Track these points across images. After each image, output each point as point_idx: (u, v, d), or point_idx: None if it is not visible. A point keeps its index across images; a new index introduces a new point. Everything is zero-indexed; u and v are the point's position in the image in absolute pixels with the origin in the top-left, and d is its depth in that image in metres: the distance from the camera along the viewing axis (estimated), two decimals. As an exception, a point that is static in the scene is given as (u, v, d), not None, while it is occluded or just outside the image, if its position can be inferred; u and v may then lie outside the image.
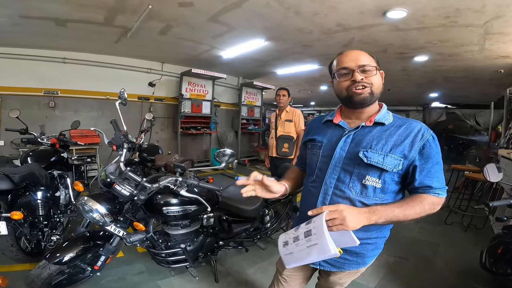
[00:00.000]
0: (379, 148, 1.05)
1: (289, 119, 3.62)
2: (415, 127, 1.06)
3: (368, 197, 1.08)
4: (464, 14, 3.20)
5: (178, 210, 1.92)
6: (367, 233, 1.12)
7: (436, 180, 1.04)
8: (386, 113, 1.14)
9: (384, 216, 0.99)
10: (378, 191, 1.08)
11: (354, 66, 1.07)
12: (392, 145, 1.05)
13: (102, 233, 1.87)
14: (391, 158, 1.04)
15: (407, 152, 1.04)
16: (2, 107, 4.83)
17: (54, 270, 1.71)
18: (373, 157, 1.05)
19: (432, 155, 1.03)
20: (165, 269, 2.39)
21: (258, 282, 2.40)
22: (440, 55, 4.92)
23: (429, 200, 1.03)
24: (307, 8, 3.40)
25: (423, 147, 1.03)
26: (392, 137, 1.07)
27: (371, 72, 1.08)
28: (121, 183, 1.76)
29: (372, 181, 1.06)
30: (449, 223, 3.83)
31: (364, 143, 1.08)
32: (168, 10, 3.56)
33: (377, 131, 1.09)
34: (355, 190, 1.09)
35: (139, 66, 6.30)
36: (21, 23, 3.81)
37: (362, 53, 1.11)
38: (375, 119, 1.11)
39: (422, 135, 1.04)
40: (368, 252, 1.18)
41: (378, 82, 1.10)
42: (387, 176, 1.06)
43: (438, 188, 1.04)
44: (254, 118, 8.61)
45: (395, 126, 1.09)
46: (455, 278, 2.56)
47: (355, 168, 1.09)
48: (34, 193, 2.36)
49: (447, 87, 8.11)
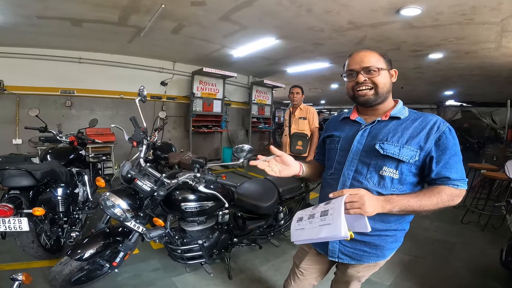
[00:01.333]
0: (395, 140, 1.09)
1: (303, 116, 3.59)
2: (431, 120, 1.09)
3: (386, 187, 1.11)
4: (480, 11, 3.17)
5: (196, 206, 1.94)
6: (386, 225, 1.14)
7: (454, 171, 1.04)
8: (402, 108, 1.18)
9: (398, 205, 1.01)
10: (396, 182, 1.10)
11: (359, 68, 1.14)
12: (408, 137, 1.08)
13: (121, 229, 1.91)
14: (407, 149, 1.07)
15: (423, 144, 1.06)
16: (20, 106, 4.98)
17: (75, 267, 1.73)
18: (389, 148, 1.08)
19: (449, 146, 1.04)
20: (180, 266, 2.42)
21: (271, 280, 2.40)
22: (455, 52, 4.83)
23: (448, 191, 1.04)
24: (319, 6, 3.38)
25: (439, 139, 1.05)
26: (407, 129, 1.10)
27: (376, 73, 1.12)
28: (141, 178, 1.78)
29: (389, 171, 1.10)
30: (466, 223, 3.77)
31: (380, 136, 1.13)
32: (180, 9, 3.60)
33: (393, 125, 1.14)
34: (373, 181, 1.13)
35: (151, 65, 6.40)
36: (39, 23, 3.91)
37: (368, 54, 1.15)
38: (391, 114, 1.16)
39: (438, 127, 1.06)
40: (387, 244, 1.19)
41: (383, 82, 1.14)
42: (404, 167, 1.09)
43: (457, 179, 1.04)
44: (264, 117, 8.60)
45: (411, 119, 1.13)
46: (473, 277, 2.51)
47: (372, 159, 1.12)
48: (55, 190, 2.40)
49: (462, 85, 7.95)
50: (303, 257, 1.46)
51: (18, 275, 1.20)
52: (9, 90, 4.87)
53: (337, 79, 8.60)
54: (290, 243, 3.01)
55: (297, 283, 1.50)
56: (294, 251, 2.85)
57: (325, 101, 16.18)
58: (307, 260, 1.44)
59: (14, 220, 1.87)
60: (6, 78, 4.83)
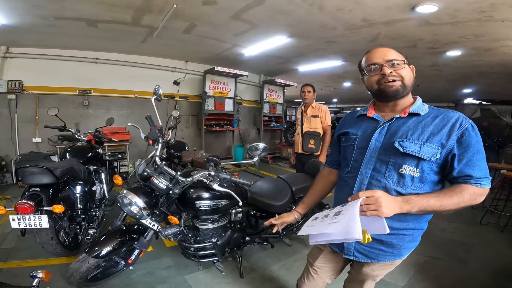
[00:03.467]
0: (415, 138, 1.06)
1: (315, 114, 3.57)
2: (453, 117, 1.05)
3: (406, 186, 1.08)
4: (499, 8, 3.10)
5: (210, 204, 1.95)
6: (403, 224, 1.12)
7: (477, 169, 1.00)
8: (421, 105, 1.14)
9: (418, 206, 0.98)
10: (417, 180, 1.07)
11: (382, 61, 1.11)
12: (429, 135, 1.05)
13: (137, 226, 1.94)
14: (428, 147, 1.03)
15: (444, 141, 1.03)
16: (40, 106, 5.16)
17: (93, 264, 1.76)
18: (409, 146, 1.05)
19: (472, 144, 1.00)
20: (192, 264, 2.46)
21: (283, 279, 2.40)
22: (475, 49, 4.69)
23: (470, 190, 1.00)
24: (331, 4, 3.35)
25: (461, 136, 1.01)
26: (428, 126, 1.06)
27: (400, 65, 1.10)
28: (157, 176, 1.81)
29: (409, 170, 1.07)
30: (485, 224, 3.66)
31: (400, 133, 1.09)
32: (192, 8, 3.63)
33: (413, 122, 1.10)
34: (392, 180, 1.10)
35: (164, 65, 6.49)
36: (55, 24, 4.03)
37: (389, 49, 1.14)
38: (410, 110, 1.11)
39: (460, 123, 1.02)
40: (404, 244, 1.17)
41: (408, 75, 1.12)
42: (425, 165, 1.06)
43: (480, 177, 1.01)
44: (276, 115, 8.60)
45: (431, 116, 1.09)
46: (491, 279, 2.45)
47: (391, 158, 1.10)
48: (74, 187, 2.46)
49: (482, 82, 7.70)
50: (317, 256, 1.45)
51: (37, 272, 1.20)
52: (28, 90, 5.05)
53: (350, 77, 8.47)
54: (302, 243, 3.00)
55: (310, 282, 1.50)
56: (306, 250, 2.85)
57: (337, 99, 15.99)
58: (322, 258, 1.43)
59: (34, 217, 1.90)
60: (26, 78, 5.02)
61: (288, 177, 2.69)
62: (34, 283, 1.18)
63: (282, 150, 8.94)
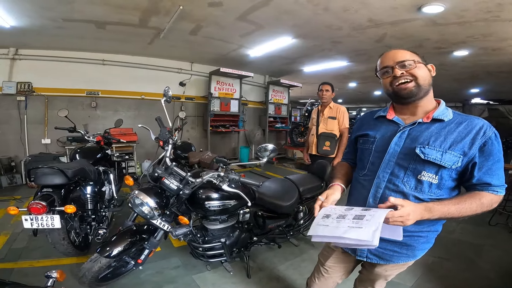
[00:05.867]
0: (437, 145, 1.04)
1: (333, 116, 3.42)
2: (477, 124, 1.03)
3: (423, 192, 1.08)
4: (506, 8, 3.08)
5: (219, 205, 1.97)
6: (419, 226, 1.11)
7: (496, 177, 1.02)
8: (445, 110, 1.12)
9: (438, 214, 0.99)
10: (434, 186, 1.07)
11: (392, 63, 1.10)
12: (452, 142, 1.04)
13: (147, 227, 1.96)
14: (450, 155, 1.03)
15: (467, 149, 1.02)
16: (49, 107, 5.24)
17: (104, 264, 1.78)
18: (431, 153, 1.04)
19: (493, 153, 1.01)
20: (200, 264, 2.48)
21: (289, 279, 2.41)
22: (483, 49, 4.66)
23: (488, 197, 1.02)
24: (337, 4, 3.35)
25: (484, 144, 1.01)
26: (452, 134, 1.05)
27: (412, 66, 1.08)
28: (168, 177, 1.83)
29: (428, 176, 1.06)
30: (493, 224, 3.62)
31: (421, 139, 1.08)
32: (198, 10, 3.66)
33: (436, 128, 1.08)
34: (410, 185, 1.09)
35: (170, 66, 6.55)
36: (64, 26, 4.08)
37: (400, 51, 1.12)
38: (434, 116, 1.09)
39: (484, 132, 1.02)
40: (419, 245, 1.17)
41: (423, 74, 1.09)
42: (445, 172, 1.05)
43: (498, 185, 1.02)
44: (281, 116, 8.60)
45: (455, 123, 1.07)
46: (500, 280, 2.42)
47: (411, 163, 1.09)
48: (84, 188, 2.49)
49: (490, 82, 7.62)
50: (328, 256, 1.44)
51: (52, 272, 1.19)
52: (37, 92, 5.13)
53: (355, 78, 8.44)
54: (309, 243, 3.00)
55: (321, 281, 1.50)
56: (313, 250, 2.86)
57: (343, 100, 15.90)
58: (333, 258, 1.43)
59: (47, 217, 1.93)
60: (35, 80, 5.10)
61: (295, 178, 2.69)
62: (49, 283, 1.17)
63: (287, 151, 8.94)
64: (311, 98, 8.10)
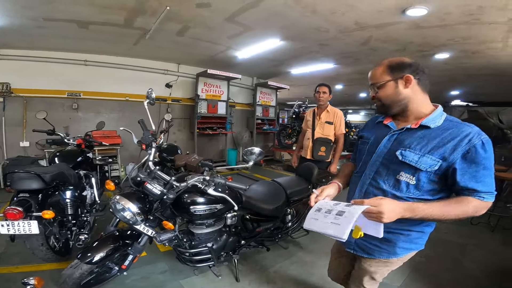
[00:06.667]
0: (418, 149, 1.11)
1: (330, 121, 3.29)
2: (464, 132, 1.06)
3: (401, 191, 1.16)
4: (487, 11, 3.16)
5: (205, 209, 1.93)
6: (399, 224, 1.15)
7: (481, 184, 1.04)
8: (437, 116, 1.16)
9: (420, 214, 1.04)
10: (412, 187, 1.14)
11: (370, 84, 1.25)
12: (433, 147, 1.09)
13: (131, 232, 1.90)
14: (428, 158, 1.08)
15: (447, 155, 1.06)
16: (28, 109, 5.03)
17: (86, 270, 1.73)
18: (409, 156, 1.12)
19: (477, 160, 1.03)
20: (187, 268, 2.42)
21: (279, 282, 2.39)
22: (463, 52, 4.80)
23: (474, 203, 1.05)
24: (324, 7, 3.37)
25: (467, 152, 1.04)
26: (435, 139, 1.10)
27: (379, 88, 1.20)
28: (151, 182, 1.79)
29: (406, 177, 1.14)
30: (475, 223, 3.73)
31: (406, 142, 1.16)
32: (185, 11, 3.60)
33: (421, 133, 1.15)
34: (389, 183, 1.19)
35: (156, 67, 6.43)
36: (46, 25, 3.93)
37: (374, 71, 1.23)
38: (422, 122, 1.16)
39: (469, 140, 1.04)
40: (399, 242, 1.23)
41: (384, 95, 1.20)
42: (422, 174, 1.11)
43: (484, 192, 1.04)
44: (269, 118, 8.61)
45: (442, 129, 1.12)
46: (487, 279, 2.49)
47: (391, 164, 1.18)
48: (64, 193, 2.40)
49: (470, 84, 7.89)
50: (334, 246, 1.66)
51: (29, 279, 1.15)
52: (16, 93, 4.92)
53: (342, 80, 8.56)
54: (298, 245, 2.99)
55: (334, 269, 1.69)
56: (302, 253, 2.87)
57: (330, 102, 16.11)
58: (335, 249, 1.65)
59: (23, 223, 1.87)
60: (13, 81, 4.88)
61: (283, 180, 2.68)
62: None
63: (275, 153, 8.95)
64: (299, 100, 8.14)
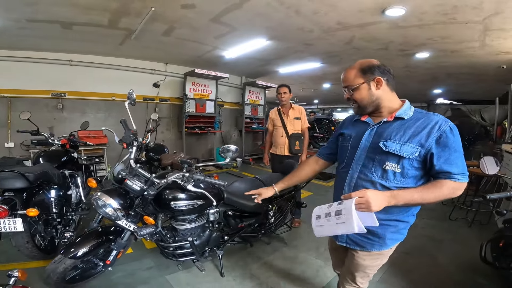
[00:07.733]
0: (398, 139, 1.22)
1: (298, 117, 3.63)
2: (433, 120, 1.19)
3: (389, 180, 1.24)
4: (462, 10, 3.23)
5: (186, 205, 1.99)
6: (387, 215, 1.26)
7: (455, 166, 1.14)
8: (407, 109, 1.29)
9: (403, 200, 1.15)
10: (398, 175, 1.23)
11: (343, 86, 1.35)
12: (410, 136, 1.20)
13: (114, 228, 1.95)
14: (408, 146, 1.19)
15: (423, 141, 1.17)
16: (12, 109, 4.96)
17: (69, 265, 1.77)
18: (391, 145, 1.22)
19: (449, 144, 1.14)
20: (173, 264, 2.47)
21: (262, 276, 2.46)
22: (442, 51, 4.92)
23: (449, 185, 1.15)
24: (307, 8, 3.44)
25: (440, 137, 1.15)
26: (410, 129, 1.22)
27: (354, 90, 1.30)
28: (132, 179, 1.84)
29: (391, 166, 1.23)
30: (454, 219, 3.83)
31: (385, 134, 1.26)
32: (170, 12, 3.63)
33: (397, 125, 1.26)
34: (377, 174, 1.27)
35: (143, 67, 6.41)
36: (28, 26, 3.90)
37: (347, 73, 1.32)
38: (396, 115, 1.28)
39: (439, 126, 1.16)
40: (388, 234, 1.31)
41: (360, 97, 1.30)
42: (405, 162, 1.21)
43: (457, 173, 1.14)
44: (257, 117, 8.66)
45: (414, 119, 1.24)
46: (461, 274, 2.56)
47: (377, 155, 1.26)
48: (48, 192, 2.44)
49: (451, 83, 8.06)
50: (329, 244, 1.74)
51: (14, 272, 1.25)
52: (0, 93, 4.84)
53: (329, 79, 8.68)
54: (281, 241, 3.07)
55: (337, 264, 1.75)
56: (285, 248, 2.95)
57: (319, 100, 16.29)
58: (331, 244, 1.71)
59: (9, 221, 1.92)
60: (-3, 81, 4.79)
61: (265, 177, 2.75)
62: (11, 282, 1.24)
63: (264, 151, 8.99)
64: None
